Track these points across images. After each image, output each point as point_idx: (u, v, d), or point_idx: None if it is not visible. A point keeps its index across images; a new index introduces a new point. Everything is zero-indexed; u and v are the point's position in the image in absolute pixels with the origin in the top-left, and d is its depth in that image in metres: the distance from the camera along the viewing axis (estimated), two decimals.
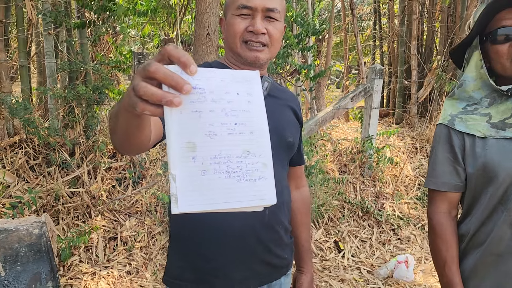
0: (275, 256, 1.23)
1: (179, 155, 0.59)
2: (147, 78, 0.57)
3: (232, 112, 0.63)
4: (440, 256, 1.27)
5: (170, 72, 0.56)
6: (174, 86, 0.56)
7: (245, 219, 1.13)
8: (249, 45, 1.13)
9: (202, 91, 0.60)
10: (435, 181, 1.28)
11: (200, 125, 0.60)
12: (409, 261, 3.09)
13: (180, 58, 0.57)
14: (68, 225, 3.11)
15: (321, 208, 3.70)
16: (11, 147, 3.44)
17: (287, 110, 1.28)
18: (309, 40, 5.44)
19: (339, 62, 12.01)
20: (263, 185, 0.64)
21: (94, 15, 3.69)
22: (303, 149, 1.42)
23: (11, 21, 4.38)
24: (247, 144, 0.64)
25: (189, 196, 0.58)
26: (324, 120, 4.15)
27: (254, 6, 1.10)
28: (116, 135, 0.81)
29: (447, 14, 6.25)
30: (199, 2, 3.58)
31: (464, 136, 1.23)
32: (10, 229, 0.88)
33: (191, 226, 1.17)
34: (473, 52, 1.25)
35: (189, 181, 0.59)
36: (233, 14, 1.13)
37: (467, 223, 1.26)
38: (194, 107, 0.59)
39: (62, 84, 4.11)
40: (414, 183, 4.53)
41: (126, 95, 0.63)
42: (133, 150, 0.87)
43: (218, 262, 1.15)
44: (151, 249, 3.12)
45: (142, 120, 0.73)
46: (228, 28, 1.15)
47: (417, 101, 6.17)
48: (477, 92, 1.24)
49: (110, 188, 3.51)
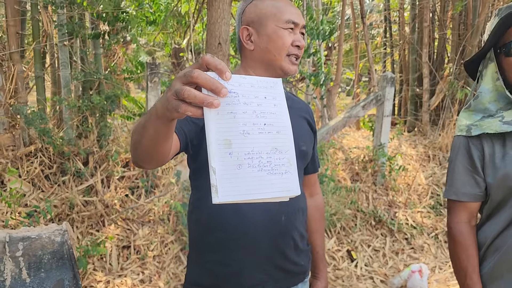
0: (291, 262, 1.24)
1: (217, 150, 0.65)
2: (189, 83, 0.64)
3: (261, 113, 0.70)
4: (460, 265, 1.28)
5: (210, 77, 0.63)
6: (213, 90, 0.63)
7: (261, 224, 1.15)
8: (291, 59, 1.18)
9: (236, 95, 0.67)
10: (455, 191, 1.29)
11: (235, 125, 0.67)
12: (423, 270, 3.06)
13: (217, 65, 0.64)
14: (82, 234, 3.14)
15: (333, 217, 3.69)
16: (27, 157, 3.49)
17: (301, 119, 1.31)
18: (320, 47, 5.46)
19: (349, 70, 12.01)
20: (289, 178, 0.72)
21: (108, 26, 3.75)
22: (317, 158, 1.44)
23: (27, 33, 4.47)
24: (274, 142, 0.71)
25: (227, 187, 0.65)
26: (336, 128, 4.15)
27: (300, 23, 1.18)
28: (142, 147, 0.85)
29: (458, 22, 6.23)
30: (211, 12, 3.63)
31: (483, 147, 1.24)
32: (33, 237, 0.90)
33: (208, 232, 1.19)
34: (488, 64, 1.26)
35: (227, 173, 0.65)
36: (280, 27, 1.16)
37: (485, 229, 1.28)
38: (229, 109, 0.66)
39: (76, 94, 4.17)
40: (427, 192, 4.49)
41: (163, 102, 0.70)
42: (155, 162, 0.91)
43: (233, 267, 1.17)
44: (164, 258, 3.14)
45: (171, 128, 0.79)
46: (272, 40, 1.17)
47: (429, 109, 6.14)
48: (493, 104, 1.25)
49: (123, 197, 3.54)
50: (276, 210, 1.17)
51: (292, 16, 1.16)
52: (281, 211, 1.18)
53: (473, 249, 1.27)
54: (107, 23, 3.63)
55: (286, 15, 1.16)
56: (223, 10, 3.63)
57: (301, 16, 1.19)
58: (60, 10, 3.62)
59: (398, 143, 5.52)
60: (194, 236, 1.26)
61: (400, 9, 7.50)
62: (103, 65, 4.57)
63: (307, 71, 4.79)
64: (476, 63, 1.34)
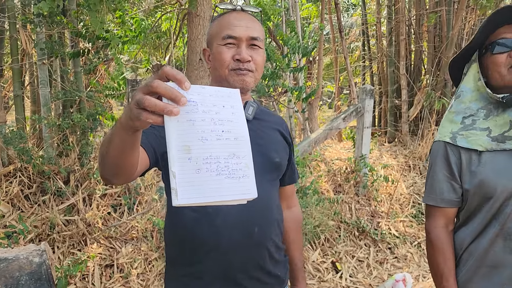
0: (267, 274, 1.25)
1: (177, 156, 0.69)
2: (150, 92, 0.68)
3: (219, 121, 0.75)
4: (438, 268, 1.32)
5: (170, 87, 0.67)
6: (173, 98, 0.67)
7: (234, 236, 1.16)
8: (237, 71, 1.18)
9: (194, 104, 0.72)
10: (433, 197, 1.33)
11: (193, 132, 0.71)
12: (406, 279, 3.08)
13: (176, 76, 0.68)
14: (63, 254, 3.08)
15: (317, 228, 3.70)
16: (6, 177, 3.43)
17: (274, 132, 1.32)
18: (300, 62, 5.55)
19: (330, 83, 12.17)
20: (246, 182, 0.76)
21: (88, 44, 3.74)
22: (295, 169, 1.44)
23: (5, 52, 4.43)
24: (232, 148, 0.76)
25: (187, 190, 0.69)
26: (317, 140, 4.19)
27: (239, 36, 1.17)
28: (109, 158, 0.87)
29: (434, 34, 6.41)
30: (191, 28, 3.67)
31: (460, 154, 1.27)
32: (10, 258, 0.89)
33: (181, 245, 1.20)
34: (471, 65, 1.31)
35: (186, 177, 0.70)
36: (219, 44, 1.19)
37: (462, 234, 1.32)
38: (189, 117, 0.71)
39: (56, 112, 4.14)
40: (409, 201, 4.55)
41: (126, 112, 0.73)
42: (123, 175, 0.93)
43: (205, 279, 1.18)
44: (148, 276, 3.10)
45: (136, 138, 0.82)
46: (215, 58, 1.21)
47: (408, 120, 6.26)
48: (474, 103, 1.29)
49: (106, 215, 3.50)
50: (249, 222, 1.18)
51: (230, 31, 1.17)
52: (254, 222, 1.18)
53: (450, 253, 1.31)
54: (87, 41, 3.62)
55: (224, 32, 1.18)
56: (203, 26, 3.68)
57: (248, 29, 1.18)
58: (39, 29, 3.60)
59: (379, 153, 5.60)
60: (169, 249, 1.27)
61: (377, 23, 7.68)
62: (84, 83, 4.55)
63: (288, 84, 4.85)
64: (460, 67, 1.39)
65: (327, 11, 7.15)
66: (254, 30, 1.18)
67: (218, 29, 1.20)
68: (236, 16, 1.20)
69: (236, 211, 1.13)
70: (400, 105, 6.43)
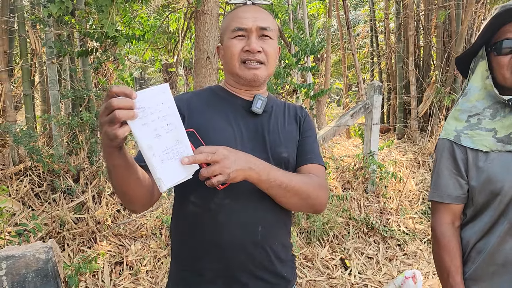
0: (271, 273, 1.21)
1: (146, 154, 0.86)
2: (111, 111, 0.80)
3: (163, 117, 0.88)
4: (444, 266, 1.29)
5: (121, 98, 0.81)
6: (127, 106, 0.81)
7: (236, 235, 1.13)
8: (247, 65, 1.17)
9: (143, 109, 0.84)
10: (439, 194, 1.30)
11: (149, 132, 0.86)
12: (416, 276, 3.06)
13: (123, 91, 0.81)
14: (74, 251, 3.11)
15: (326, 225, 3.69)
16: (16, 175, 3.47)
17: (286, 122, 1.27)
18: (308, 60, 5.52)
19: (338, 80, 12.11)
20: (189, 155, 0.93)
21: (96, 43, 3.77)
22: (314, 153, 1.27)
23: (15, 52, 4.48)
24: (176, 135, 0.91)
25: (165, 177, 0.89)
26: (326, 137, 4.18)
27: (248, 27, 1.15)
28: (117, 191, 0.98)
29: (443, 30, 6.34)
30: (198, 27, 3.67)
31: (467, 150, 1.25)
32: (17, 256, 0.90)
33: (184, 241, 1.20)
34: (479, 62, 1.28)
35: (158, 169, 0.88)
36: (229, 38, 1.18)
37: (469, 231, 1.29)
38: (142, 121, 0.85)
39: (66, 111, 4.17)
40: (418, 198, 4.52)
41: (103, 137, 0.85)
42: (137, 201, 1.02)
43: (207, 276, 1.16)
44: (157, 273, 3.11)
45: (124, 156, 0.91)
46: (226, 51, 1.20)
47: (417, 116, 6.21)
48: (481, 102, 1.26)
49: (115, 212, 3.52)
50: (253, 220, 1.15)
51: (238, 23, 1.16)
52: (258, 222, 1.16)
53: (456, 250, 1.28)
54: (95, 40, 3.65)
55: (233, 24, 1.17)
56: (211, 24, 3.67)
57: (257, 20, 1.16)
58: (48, 28, 3.63)
59: (388, 150, 5.57)
60: (173, 244, 1.26)
61: (385, 19, 7.62)
62: (93, 82, 4.58)
63: (296, 82, 4.84)
64: (467, 60, 1.35)
65: (335, 8, 7.11)
66: (263, 20, 1.17)
67: (228, 23, 1.20)
68: (244, 9, 1.20)
69: (240, 208, 1.12)
70: (409, 101, 6.38)
